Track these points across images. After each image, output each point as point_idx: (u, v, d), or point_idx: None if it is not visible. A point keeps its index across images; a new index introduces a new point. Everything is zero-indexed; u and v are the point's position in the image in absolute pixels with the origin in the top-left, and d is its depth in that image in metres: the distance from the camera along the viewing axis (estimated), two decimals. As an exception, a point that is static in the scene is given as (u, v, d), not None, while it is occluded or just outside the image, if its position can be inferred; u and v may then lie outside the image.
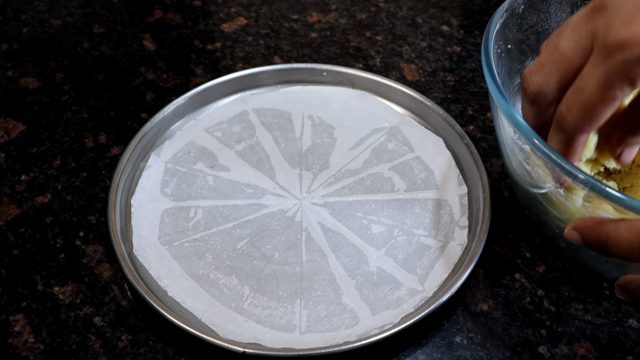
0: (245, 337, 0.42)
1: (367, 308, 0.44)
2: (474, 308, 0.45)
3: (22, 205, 0.51)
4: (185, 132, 0.54)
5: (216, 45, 0.64)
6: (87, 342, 0.43)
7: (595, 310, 0.44)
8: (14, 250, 0.48)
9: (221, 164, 0.52)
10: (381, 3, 0.69)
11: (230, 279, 0.45)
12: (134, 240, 0.47)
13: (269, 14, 0.68)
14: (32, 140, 0.56)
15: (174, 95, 0.59)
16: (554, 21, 0.49)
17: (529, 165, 0.43)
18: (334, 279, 0.45)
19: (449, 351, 0.43)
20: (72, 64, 0.62)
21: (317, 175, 0.52)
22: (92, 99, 0.59)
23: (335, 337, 0.42)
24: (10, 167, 0.54)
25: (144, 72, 0.61)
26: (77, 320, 0.44)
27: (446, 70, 0.62)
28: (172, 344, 0.43)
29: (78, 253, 0.48)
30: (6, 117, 0.58)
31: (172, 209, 0.49)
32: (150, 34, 0.66)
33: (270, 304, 0.44)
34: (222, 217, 0.49)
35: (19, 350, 0.43)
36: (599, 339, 0.43)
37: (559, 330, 0.43)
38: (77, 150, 0.55)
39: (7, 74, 0.61)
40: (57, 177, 0.53)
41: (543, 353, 0.42)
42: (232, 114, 0.56)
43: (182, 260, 0.46)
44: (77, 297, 0.45)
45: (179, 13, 0.68)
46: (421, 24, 0.67)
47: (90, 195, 0.51)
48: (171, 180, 0.51)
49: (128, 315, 0.44)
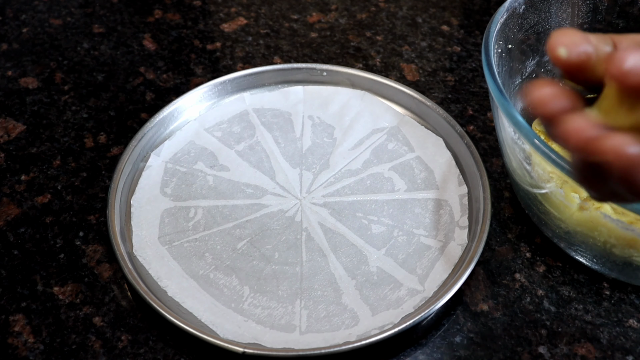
0: (245, 337, 0.42)
1: (367, 308, 0.44)
2: (474, 308, 0.45)
3: (22, 205, 0.51)
4: (185, 132, 0.54)
5: (216, 45, 0.64)
6: (87, 342, 0.43)
7: (595, 311, 0.44)
8: (13, 250, 0.48)
9: (221, 164, 0.52)
10: (381, 3, 0.69)
11: (230, 279, 0.45)
12: (133, 240, 0.47)
13: (269, 14, 0.68)
14: (32, 140, 0.56)
15: (173, 95, 0.59)
16: (555, 21, 0.49)
17: (529, 165, 0.43)
18: (334, 279, 0.45)
19: (449, 351, 0.43)
20: (72, 63, 0.62)
21: (317, 175, 0.52)
22: (92, 98, 0.59)
23: (335, 337, 0.42)
24: (10, 167, 0.54)
25: (143, 72, 0.61)
26: (77, 320, 0.44)
27: (446, 70, 0.62)
28: (172, 344, 0.43)
29: (78, 253, 0.48)
30: (6, 117, 0.58)
31: (172, 209, 0.49)
32: (150, 34, 0.66)
33: (270, 304, 0.44)
34: (222, 217, 0.49)
35: (19, 350, 0.43)
36: (599, 339, 0.43)
37: (559, 330, 0.43)
38: (77, 150, 0.55)
39: (7, 74, 0.61)
40: (57, 177, 0.53)
41: (543, 353, 0.42)
42: (232, 114, 0.56)
43: (182, 260, 0.46)
44: (77, 297, 0.45)
45: (179, 13, 0.68)
46: (421, 24, 0.67)
47: (90, 195, 0.51)
48: (171, 180, 0.51)
49: (128, 315, 0.44)
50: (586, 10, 0.50)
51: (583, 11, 0.50)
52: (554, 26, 0.49)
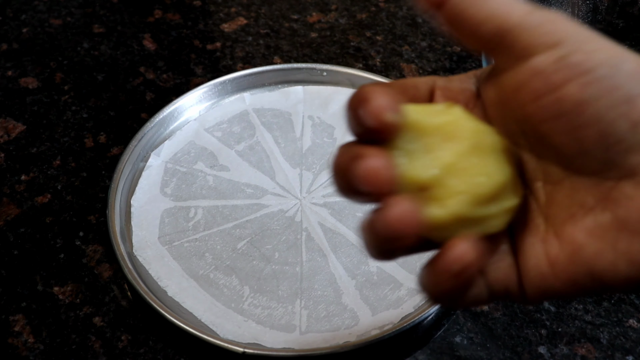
0: (245, 337, 0.42)
1: (367, 308, 0.44)
2: (474, 308, 0.45)
3: (22, 205, 0.51)
4: (185, 132, 0.54)
5: (216, 45, 0.64)
6: (87, 342, 0.43)
7: (595, 311, 0.44)
8: (13, 250, 0.48)
9: (221, 164, 0.52)
10: (381, 3, 0.69)
11: (230, 279, 0.45)
12: (133, 240, 0.47)
13: (269, 14, 0.68)
14: (32, 140, 0.56)
15: (173, 95, 0.59)
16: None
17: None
18: (334, 279, 0.45)
19: (449, 351, 0.43)
20: (72, 63, 0.62)
21: (317, 175, 0.52)
22: (92, 98, 0.59)
23: (335, 337, 0.42)
24: (10, 167, 0.54)
25: (143, 72, 0.61)
26: (76, 320, 0.44)
27: (446, 70, 0.62)
28: (172, 344, 0.43)
29: (78, 253, 0.48)
30: (6, 117, 0.58)
31: (172, 209, 0.49)
32: (150, 34, 0.66)
33: (270, 304, 0.44)
34: (222, 217, 0.49)
35: (19, 350, 0.43)
36: (599, 339, 0.43)
37: (559, 330, 0.43)
38: (77, 150, 0.55)
39: (7, 74, 0.61)
40: (57, 177, 0.53)
41: (543, 353, 0.42)
42: (232, 114, 0.56)
43: (182, 260, 0.46)
44: (76, 297, 0.45)
45: (179, 13, 0.68)
46: (421, 24, 0.67)
47: (90, 195, 0.51)
48: (171, 180, 0.51)
49: (128, 315, 0.44)
50: (586, 11, 0.50)
51: (583, 11, 0.50)
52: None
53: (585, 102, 0.23)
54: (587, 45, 0.24)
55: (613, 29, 0.51)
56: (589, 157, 0.24)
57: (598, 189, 0.24)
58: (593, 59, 0.23)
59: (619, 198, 0.24)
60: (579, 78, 0.23)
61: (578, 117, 0.23)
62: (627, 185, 0.24)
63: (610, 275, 0.24)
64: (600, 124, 0.23)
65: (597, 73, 0.23)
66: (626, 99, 0.23)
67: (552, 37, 0.24)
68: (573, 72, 0.23)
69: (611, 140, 0.23)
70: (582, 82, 0.23)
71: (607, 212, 0.24)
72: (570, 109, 0.23)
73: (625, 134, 0.23)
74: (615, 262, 0.24)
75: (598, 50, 0.23)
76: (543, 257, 0.25)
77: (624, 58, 0.23)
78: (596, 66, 0.23)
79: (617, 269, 0.24)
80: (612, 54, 0.23)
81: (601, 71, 0.23)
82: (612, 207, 0.24)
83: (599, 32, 0.24)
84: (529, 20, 0.24)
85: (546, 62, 0.24)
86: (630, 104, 0.23)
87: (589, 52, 0.23)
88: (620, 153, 0.23)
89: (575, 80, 0.23)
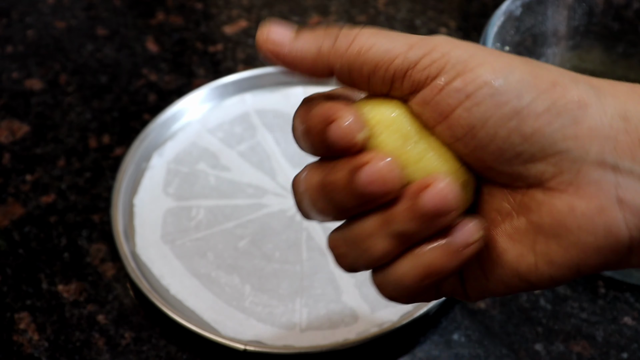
0: (247, 334, 0.43)
1: (366, 306, 0.44)
2: (471, 306, 0.45)
3: (27, 205, 0.51)
4: (187, 133, 0.55)
5: (218, 47, 0.65)
6: (90, 340, 0.44)
7: (591, 308, 0.45)
8: (19, 249, 0.49)
9: (223, 164, 0.53)
10: (380, 6, 0.70)
11: (231, 277, 0.46)
12: (136, 240, 0.48)
13: (270, 17, 0.69)
14: (37, 141, 0.56)
15: (176, 96, 0.59)
16: (551, 24, 0.50)
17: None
18: (334, 277, 0.46)
19: (447, 348, 0.43)
20: (76, 65, 0.63)
21: (317, 175, 0.52)
22: (96, 100, 0.60)
23: (335, 334, 0.43)
24: (15, 167, 0.54)
25: (146, 74, 0.62)
26: (80, 318, 0.45)
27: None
28: (175, 342, 0.44)
29: (82, 252, 0.48)
30: (11, 118, 0.58)
31: (175, 208, 0.50)
32: (152, 36, 0.66)
33: (271, 302, 0.45)
34: (224, 216, 0.50)
35: (24, 347, 0.43)
36: (595, 336, 0.44)
37: (555, 328, 0.44)
38: (81, 150, 0.55)
39: (12, 76, 0.62)
40: (61, 177, 0.53)
41: (539, 350, 0.43)
42: (234, 115, 0.57)
43: (184, 259, 0.47)
44: (80, 295, 0.46)
45: (181, 16, 0.69)
46: (419, 27, 0.67)
47: (94, 195, 0.52)
48: (173, 180, 0.52)
49: (131, 313, 0.45)
50: (582, 13, 0.51)
51: (579, 14, 0.51)
52: (550, 28, 0.50)
53: (474, 125, 0.24)
54: (469, 64, 0.24)
55: (608, 32, 0.52)
56: (494, 172, 0.25)
57: (512, 196, 0.25)
58: (474, 81, 0.23)
59: (530, 205, 0.24)
60: (463, 103, 0.24)
61: (473, 139, 0.24)
62: (536, 192, 0.24)
63: (534, 276, 0.25)
64: (496, 142, 0.24)
65: (479, 95, 0.23)
66: (514, 114, 0.23)
67: (432, 68, 0.24)
68: (457, 98, 0.24)
69: (509, 156, 0.24)
70: (467, 107, 0.23)
71: (522, 218, 0.25)
72: (463, 133, 0.24)
73: (521, 147, 0.23)
74: (536, 264, 0.24)
75: (481, 65, 0.24)
76: (474, 262, 0.26)
77: (511, 69, 0.24)
78: (477, 88, 0.23)
79: (539, 271, 0.24)
80: (497, 67, 0.24)
81: (483, 92, 0.23)
82: (526, 213, 0.25)
83: (594, 35, 0.25)
84: (410, 58, 0.24)
85: (431, 95, 0.24)
86: (518, 117, 0.23)
87: (470, 72, 0.23)
88: (521, 165, 0.24)
89: (461, 106, 0.24)
